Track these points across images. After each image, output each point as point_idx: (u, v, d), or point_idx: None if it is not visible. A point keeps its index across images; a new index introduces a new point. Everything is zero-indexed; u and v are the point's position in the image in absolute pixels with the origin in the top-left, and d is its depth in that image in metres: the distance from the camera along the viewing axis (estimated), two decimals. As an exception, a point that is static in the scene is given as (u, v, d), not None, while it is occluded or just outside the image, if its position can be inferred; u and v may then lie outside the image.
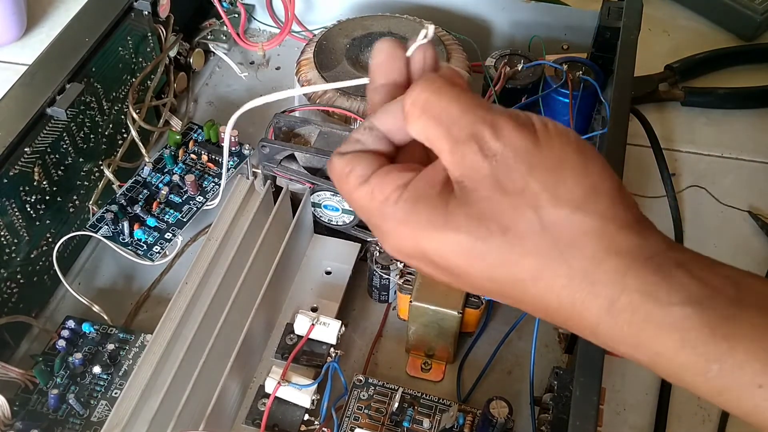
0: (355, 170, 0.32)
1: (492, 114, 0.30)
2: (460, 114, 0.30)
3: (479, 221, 0.29)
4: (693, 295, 0.27)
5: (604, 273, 0.28)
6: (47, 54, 0.56)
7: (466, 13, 0.73)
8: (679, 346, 0.27)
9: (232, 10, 0.74)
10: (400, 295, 0.53)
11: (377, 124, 0.33)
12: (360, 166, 0.32)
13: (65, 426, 0.49)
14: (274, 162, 0.55)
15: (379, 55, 0.34)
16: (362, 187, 0.32)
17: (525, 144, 0.29)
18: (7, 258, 0.51)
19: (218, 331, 0.48)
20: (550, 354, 0.55)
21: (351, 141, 0.33)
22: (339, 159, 0.33)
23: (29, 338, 0.55)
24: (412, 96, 0.31)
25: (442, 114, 0.30)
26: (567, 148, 0.29)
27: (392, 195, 0.31)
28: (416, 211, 0.30)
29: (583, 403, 0.40)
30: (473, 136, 0.29)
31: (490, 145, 0.29)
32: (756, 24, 0.80)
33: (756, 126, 0.73)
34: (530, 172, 0.29)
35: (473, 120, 0.29)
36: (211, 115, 0.71)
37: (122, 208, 0.58)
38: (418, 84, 0.31)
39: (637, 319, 0.28)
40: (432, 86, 0.31)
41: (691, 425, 0.52)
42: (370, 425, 0.49)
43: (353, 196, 0.32)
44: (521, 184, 0.29)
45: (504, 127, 0.29)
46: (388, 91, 0.34)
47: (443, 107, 0.30)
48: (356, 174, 0.32)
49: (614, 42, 0.62)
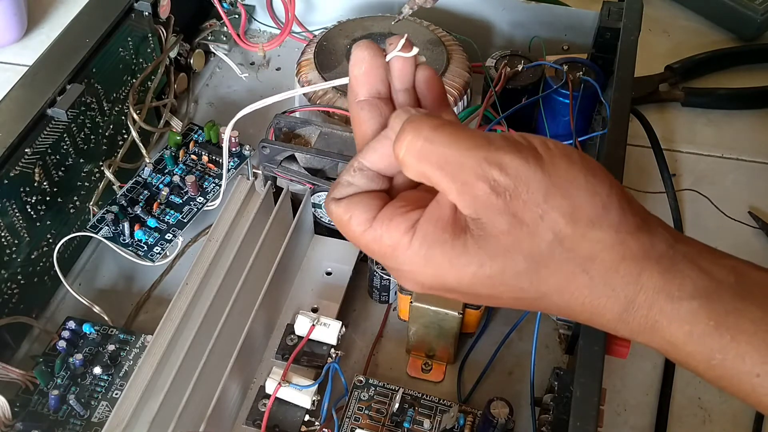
0: (355, 216, 0.32)
1: (493, 151, 0.29)
2: (460, 158, 0.30)
3: (503, 254, 0.30)
4: (700, 288, 0.30)
5: (622, 278, 0.30)
6: (48, 55, 0.56)
7: (466, 13, 0.73)
8: (687, 337, 0.30)
9: (232, 10, 0.74)
10: (401, 295, 0.53)
11: (366, 164, 0.33)
12: (358, 210, 0.32)
13: (66, 427, 0.49)
14: (274, 163, 0.55)
15: (359, 65, 0.33)
16: (367, 233, 0.32)
17: (534, 174, 0.29)
18: (8, 259, 0.51)
19: (219, 331, 0.48)
20: (551, 355, 0.55)
21: (343, 184, 0.33)
22: (335, 206, 0.33)
23: (30, 339, 0.55)
24: (403, 144, 0.30)
25: (441, 160, 0.30)
26: (573, 169, 0.30)
27: (402, 240, 0.31)
28: (433, 255, 0.31)
29: (583, 403, 0.40)
30: (481, 177, 0.29)
31: (500, 182, 0.29)
32: (756, 24, 0.80)
33: (756, 126, 0.73)
34: (545, 200, 0.29)
35: (476, 162, 0.29)
36: (211, 115, 0.71)
37: (123, 208, 0.58)
38: (405, 130, 0.30)
39: (653, 313, 0.30)
40: (421, 131, 0.30)
41: (691, 426, 0.52)
42: (371, 426, 0.49)
43: (360, 242, 0.32)
44: (538, 213, 0.29)
45: (509, 164, 0.29)
46: (373, 105, 0.34)
47: (440, 153, 0.30)
48: (357, 220, 0.32)
49: (614, 42, 0.62)
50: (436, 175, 0.30)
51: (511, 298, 0.32)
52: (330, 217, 0.34)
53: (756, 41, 0.81)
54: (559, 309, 0.32)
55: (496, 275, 0.30)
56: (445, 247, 0.30)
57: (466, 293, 0.32)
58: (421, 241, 0.31)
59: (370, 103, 0.34)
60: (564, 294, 0.31)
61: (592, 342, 0.42)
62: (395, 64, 0.34)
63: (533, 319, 0.51)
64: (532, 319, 0.53)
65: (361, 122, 0.34)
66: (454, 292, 0.32)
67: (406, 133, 0.30)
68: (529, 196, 0.29)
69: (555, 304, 0.31)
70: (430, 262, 0.31)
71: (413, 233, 0.31)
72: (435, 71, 0.35)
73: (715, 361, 0.30)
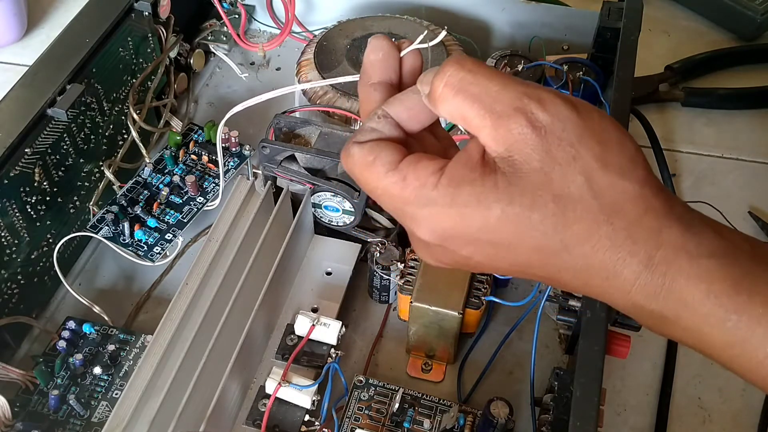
0: (380, 157, 0.32)
1: (533, 88, 0.30)
2: (500, 90, 0.30)
3: (533, 193, 0.29)
4: (717, 249, 0.30)
5: (643, 232, 0.30)
6: (48, 55, 0.56)
7: (466, 13, 0.73)
8: (704, 296, 0.30)
9: (232, 10, 0.75)
10: (401, 295, 0.53)
11: (390, 113, 0.33)
12: (384, 153, 0.32)
13: (66, 427, 0.49)
14: (274, 163, 0.55)
15: (376, 53, 0.34)
16: (391, 174, 0.31)
17: (570, 114, 0.30)
18: (8, 259, 0.51)
19: (219, 331, 0.48)
20: (551, 355, 0.55)
21: (366, 130, 0.33)
22: (359, 148, 0.32)
23: (30, 339, 0.55)
24: (443, 77, 0.31)
25: (481, 92, 0.30)
26: (605, 121, 0.30)
27: (430, 179, 0.31)
28: (460, 193, 0.30)
29: (583, 403, 0.40)
30: (519, 109, 0.29)
31: (538, 117, 0.29)
32: (756, 24, 0.80)
33: (756, 126, 0.73)
34: (580, 141, 0.29)
35: (516, 95, 0.30)
36: (211, 115, 0.71)
37: (123, 208, 0.58)
38: (448, 64, 0.31)
39: (671, 270, 0.30)
40: (464, 65, 0.30)
41: (691, 426, 0.52)
42: (371, 426, 0.49)
43: (381, 184, 0.32)
44: (572, 153, 0.29)
45: (549, 100, 0.30)
46: (386, 87, 0.34)
47: (481, 85, 0.30)
48: (383, 161, 0.31)
49: (614, 42, 0.62)
50: (473, 108, 0.30)
51: (531, 248, 0.30)
52: (347, 163, 0.33)
53: (756, 41, 0.81)
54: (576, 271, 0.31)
55: (524, 215, 0.30)
56: (474, 185, 0.30)
57: (487, 241, 0.31)
58: (449, 180, 0.30)
59: (383, 85, 0.34)
60: (585, 245, 0.30)
61: (592, 342, 0.42)
62: (408, 59, 0.34)
63: (533, 319, 0.51)
64: (532, 319, 0.53)
65: (371, 102, 0.34)
66: (471, 242, 0.31)
67: (449, 65, 0.31)
68: (565, 135, 0.29)
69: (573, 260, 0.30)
70: (456, 200, 0.30)
71: (441, 174, 0.31)
72: None
73: (730, 323, 0.29)
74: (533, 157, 0.29)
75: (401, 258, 0.54)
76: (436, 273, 0.51)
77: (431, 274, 0.51)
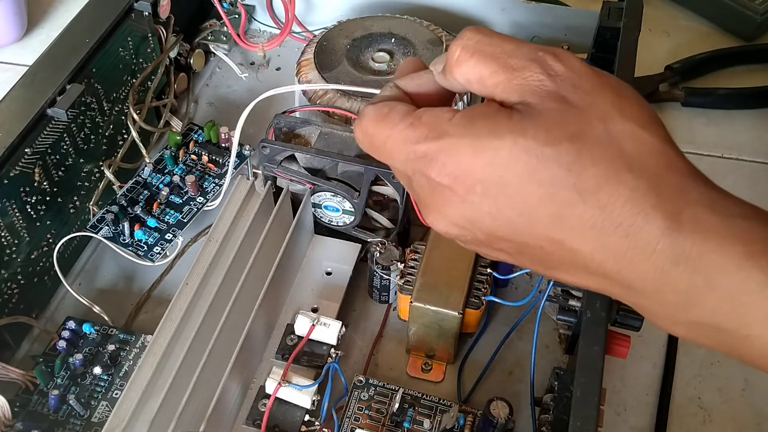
0: (395, 108, 0.32)
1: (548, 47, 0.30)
2: (515, 48, 0.30)
3: (547, 129, 0.28)
4: (749, 211, 0.28)
5: (667, 187, 0.28)
6: (48, 55, 0.56)
7: (466, 13, 0.73)
8: (743, 257, 0.27)
9: (232, 10, 0.75)
10: (401, 295, 0.53)
11: (400, 85, 0.33)
12: (399, 105, 0.32)
13: (66, 427, 0.49)
14: (274, 162, 0.55)
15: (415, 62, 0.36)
16: (407, 117, 0.31)
17: (587, 69, 0.29)
18: (8, 259, 0.51)
19: (219, 331, 0.48)
20: (551, 354, 0.55)
21: (380, 97, 0.33)
22: (372, 106, 0.32)
23: (30, 339, 0.55)
24: (460, 41, 0.31)
25: (496, 50, 0.30)
26: (620, 81, 0.30)
27: (445, 115, 0.30)
28: (475, 124, 0.29)
29: (583, 403, 0.40)
30: (534, 60, 0.29)
31: (553, 66, 0.29)
32: (756, 24, 0.80)
33: (756, 126, 0.73)
34: (596, 90, 0.29)
35: (531, 50, 0.30)
36: (211, 115, 0.72)
37: (123, 208, 0.58)
38: (465, 30, 0.31)
39: (701, 229, 0.27)
40: (480, 30, 0.31)
41: (691, 426, 0.52)
42: (371, 426, 0.49)
43: (394, 130, 0.31)
44: (588, 100, 0.29)
45: (564, 54, 0.30)
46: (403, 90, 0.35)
47: (496, 44, 0.30)
48: (398, 110, 0.31)
49: (614, 42, 0.62)
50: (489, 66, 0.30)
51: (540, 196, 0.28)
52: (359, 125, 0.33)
53: (756, 41, 0.81)
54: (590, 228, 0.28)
55: (536, 149, 0.28)
56: (488, 118, 0.29)
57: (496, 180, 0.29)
58: (464, 114, 0.30)
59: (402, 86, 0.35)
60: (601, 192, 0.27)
61: (592, 342, 0.42)
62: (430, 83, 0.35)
63: (533, 319, 0.51)
64: (532, 319, 0.53)
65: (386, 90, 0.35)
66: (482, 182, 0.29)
67: (466, 30, 0.31)
68: (581, 83, 0.29)
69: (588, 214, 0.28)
70: (469, 130, 0.29)
71: (455, 113, 0.30)
72: None
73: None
74: (549, 99, 0.29)
75: (401, 258, 0.54)
76: (436, 273, 0.52)
77: (431, 274, 0.51)
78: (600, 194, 0.27)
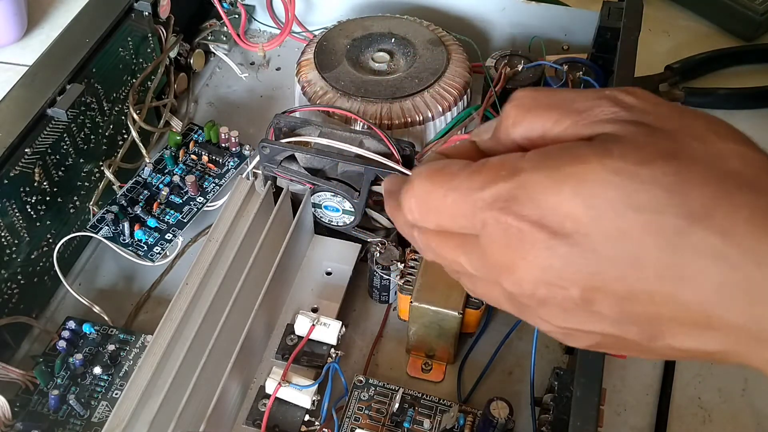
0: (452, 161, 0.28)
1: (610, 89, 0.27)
2: (577, 94, 0.27)
3: (635, 148, 0.24)
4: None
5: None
6: (48, 55, 0.56)
7: (466, 13, 0.73)
8: None
9: (232, 10, 0.74)
10: (401, 295, 0.53)
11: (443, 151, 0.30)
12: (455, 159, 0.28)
13: (66, 427, 0.49)
14: (274, 162, 0.55)
15: None
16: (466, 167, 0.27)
17: (663, 99, 0.26)
18: (8, 259, 0.51)
19: (219, 331, 0.48)
20: (551, 354, 0.55)
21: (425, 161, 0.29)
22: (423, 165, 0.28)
23: (30, 339, 0.55)
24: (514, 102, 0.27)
25: (556, 100, 0.27)
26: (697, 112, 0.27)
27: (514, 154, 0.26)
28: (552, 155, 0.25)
29: (583, 403, 0.40)
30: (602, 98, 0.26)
31: (625, 100, 0.26)
32: (756, 24, 0.80)
33: (756, 126, 0.73)
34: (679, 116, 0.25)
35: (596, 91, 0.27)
36: (211, 115, 0.71)
37: (123, 208, 0.58)
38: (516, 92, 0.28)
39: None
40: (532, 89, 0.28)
41: (691, 426, 0.52)
42: (371, 426, 0.49)
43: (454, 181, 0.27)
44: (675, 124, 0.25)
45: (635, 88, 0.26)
46: None
47: (555, 95, 0.27)
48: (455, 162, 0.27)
49: (614, 42, 0.62)
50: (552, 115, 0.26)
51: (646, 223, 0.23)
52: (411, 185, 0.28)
53: (756, 41, 0.81)
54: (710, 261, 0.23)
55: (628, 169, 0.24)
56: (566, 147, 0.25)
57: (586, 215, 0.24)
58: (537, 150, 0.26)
59: None
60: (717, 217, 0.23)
61: (592, 342, 0.42)
62: None
63: (533, 319, 0.51)
64: (532, 319, 0.53)
65: None
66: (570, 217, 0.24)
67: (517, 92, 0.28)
68: (662, 111, 0.25)
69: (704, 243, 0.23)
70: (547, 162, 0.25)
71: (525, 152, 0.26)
72: None
73: None
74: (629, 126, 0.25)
75: (401, 258, 0.54)
76: (437, 273, 0.51)
77: (431, 274, 0.51)
78: (715, 217, 0.23)
